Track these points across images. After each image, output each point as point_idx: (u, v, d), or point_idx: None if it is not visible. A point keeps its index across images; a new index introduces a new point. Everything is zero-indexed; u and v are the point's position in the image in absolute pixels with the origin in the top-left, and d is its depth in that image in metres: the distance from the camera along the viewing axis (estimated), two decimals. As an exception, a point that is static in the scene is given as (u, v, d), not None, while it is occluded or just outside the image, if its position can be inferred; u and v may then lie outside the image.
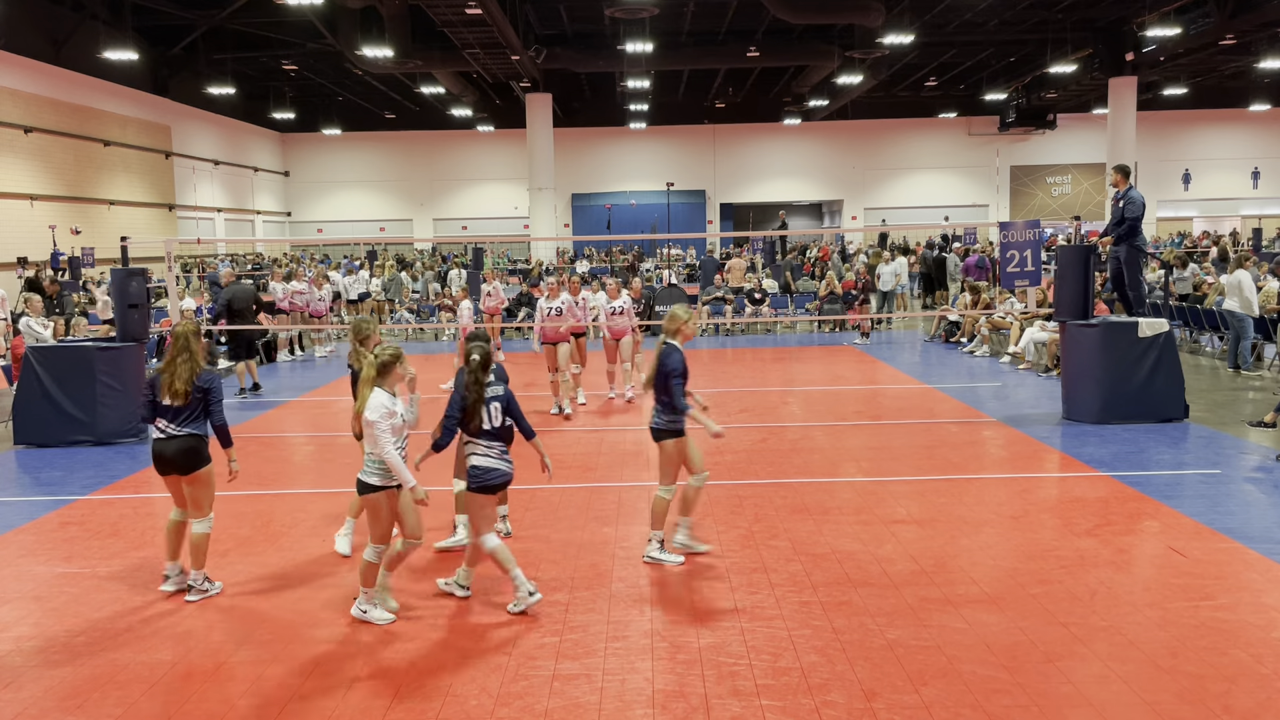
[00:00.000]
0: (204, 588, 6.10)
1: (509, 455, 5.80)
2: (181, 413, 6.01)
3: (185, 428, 6.01)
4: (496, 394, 5.82)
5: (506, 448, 5.81)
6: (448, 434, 5.75)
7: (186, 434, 6.01)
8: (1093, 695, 4.60)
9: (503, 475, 5.78)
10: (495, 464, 5.73)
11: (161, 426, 6.04)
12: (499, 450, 5.77)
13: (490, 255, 37.44)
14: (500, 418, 5.80)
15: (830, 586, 6.03)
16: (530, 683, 4.87)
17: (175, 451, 5.99)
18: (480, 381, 5.72)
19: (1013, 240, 11.46)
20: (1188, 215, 48.21)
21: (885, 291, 21.33)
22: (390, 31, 26.84)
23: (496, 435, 5.78)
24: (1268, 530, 6.87)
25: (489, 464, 5.72)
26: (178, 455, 5.99)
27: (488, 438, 5.75)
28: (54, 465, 9.74)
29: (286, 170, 49.82)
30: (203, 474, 6.08)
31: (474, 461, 5.73)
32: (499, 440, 5.79)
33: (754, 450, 9.77)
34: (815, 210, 52.68)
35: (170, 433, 6.00)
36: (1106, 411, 10.52)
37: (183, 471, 6.03)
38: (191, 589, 6.07)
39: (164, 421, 6.03)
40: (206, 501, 6.12)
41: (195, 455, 6.04)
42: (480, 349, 5.75)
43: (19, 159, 27.34)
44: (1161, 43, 32.04)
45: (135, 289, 10.99)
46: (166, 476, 6.12)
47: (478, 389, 5.69)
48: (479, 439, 5.75)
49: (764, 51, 33.55)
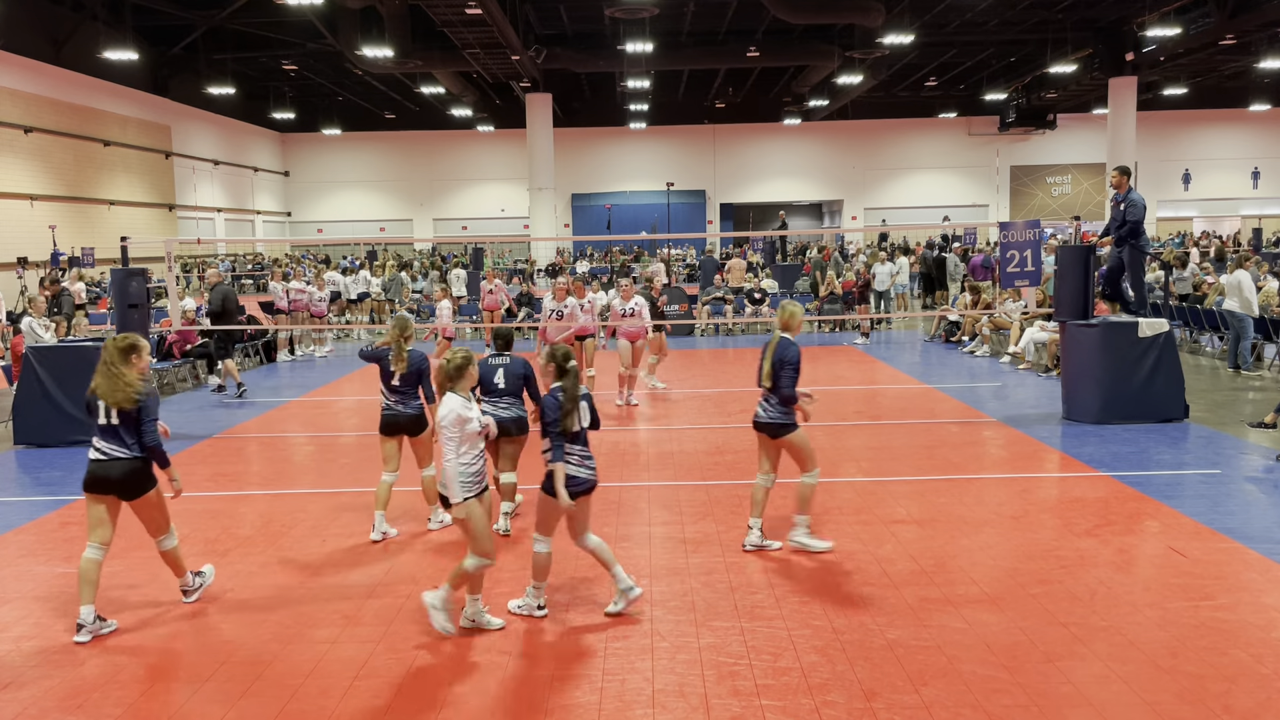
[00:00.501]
0: (196, 585, 6.01)
1: (589, 460, 5.59)
2: (121, 433, 5.49)
3: (132, 450, 5.51)
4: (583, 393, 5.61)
5: (589, 451, 5.62)
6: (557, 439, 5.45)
7: (132, 456, 5.52)
8: (1093, 695, 4.60)
9: (585, 482, 5.54)
10: (576, 470, 5.48)
11: (102, 447, 5.52)
12: (580, 454, 5.54)
13: (490, 255, 37.44)
14: (588, 419, 5.65)
15: (830, 586, 6.03)
16: (530, 683, 4.87)
17: (120, 475, 5.50)
18: (576, 384, 5.51)
19: (1013, 240, 11.46)
20: (1188, 215, 48.24)
21: (880, 291, 21.33)
22: (390, 31, 26.85)
23: (583, 438, 5.59)
24: (1268, 530, 6.87)
25: (571, 471, 5.46)
26: (124, 479, 5.51)
27: (573, 441, 5.53)
28: (54, 465, 9.74)
29: (286, 170, 49.84)
30: (150, 496, 5.62)
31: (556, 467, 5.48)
32: (583, 443, 5.59)
33: (754, 450, 9.72)
34: (815, 210, 52.70)
35: (114, 455, 5.50)
36: (1106, 411, 10.52)
37: (128, 496, 5.56)
38: (186, 592, 5.98)
39: (104, 441, 5.52)
40: (163, 519, 5.72)
41: (141, 478, 5.57)
42: (563, 351, 5.57)
43: (19, 159, 27.35)
44: (1161, 43, 32.06)
45: (135, 289, 11.00)
46: (102, 498, 5.54)
47: (574, 391, 5.49)
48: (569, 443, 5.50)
49: (764, 51, 33.56)
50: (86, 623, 5.46)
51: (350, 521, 7.62)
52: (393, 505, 8.09)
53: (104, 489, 5.53)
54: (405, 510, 7.83)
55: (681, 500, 7.99)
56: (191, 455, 10.07)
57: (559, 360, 5.57)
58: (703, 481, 8.62)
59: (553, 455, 5.43)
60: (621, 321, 12.13)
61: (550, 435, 5.45)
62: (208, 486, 8.84)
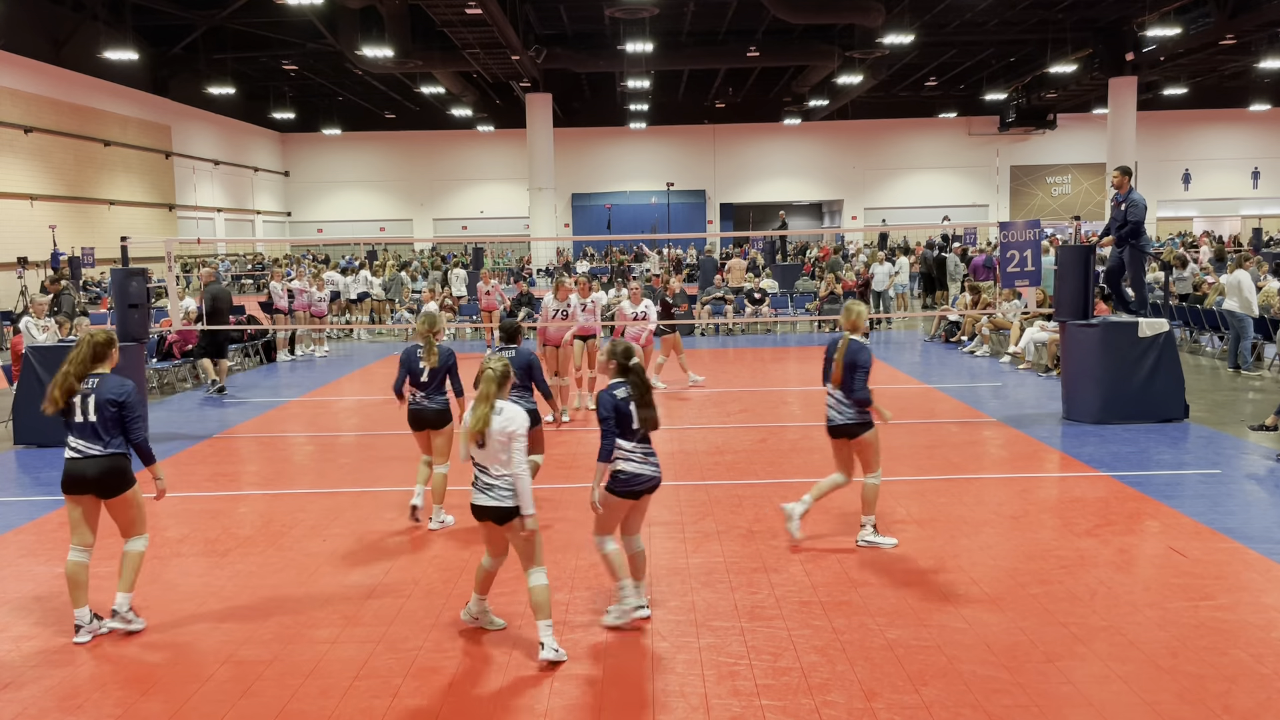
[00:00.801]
0: (128, 617, 5.50)
1: (652, 458, 5.43)
2: (99, 430, 5.35)
3: (108, 447, 5.37)
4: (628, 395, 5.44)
5: (649, 450, 5.44)
6: (608, 438, 5.31)
7: (109, 454, 5.37)
8: (1093, 695, 4.60)
9: (649, 480, 5.40)
10: (640, 468, 5.35)
11: (78, 445, 5.38)
12: (643, 452, 5.38)
13: (490, 256, 37.44)
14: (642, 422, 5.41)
15: (830, 586, 6.03)
16: (530, 683, 4.87)
17: (97, 473, 5.35)
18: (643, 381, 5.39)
19: (1013, 240, 11.46)
20: (1188, 215, 48.26)
21: (879, 291, 21.34)
22: (390, 31, 26.85)
23: (644, 436, 5.42)
24: (1268, 530, 6.87)
25: (635, 469, 5.34)
26: (101, 477, 5.35)
27: (635, 439, 5.37)
28: (54, 465, 9.73)
29: (286, 170, 49.85)
30: (129, 495, 5.45)
31: (620, 466, 5.33)
32: (645, 441, 5.42)
33: (754, 450, 9.77)
34: (815, 210, 52.71)
35: (89, 452, 5.35)
36: (1106, 411, 10.52)
37: (106, 495, 5.41)
38: (115, 614, 5.49)
39: (79, 440, 5.37)
40: (139, 520, 5.54)
41: (120, 476, 5.41)
42: (624, 347, 5.46)
43: (19, 159, 27.35)
44: (1161, 43, 32.06)
45: (135, 289, 11.00)
46: (80, 498, 5.40)
47: (641, 390, 5.36)
48: (627, 440, 5.35)
49: (764, 51, 33.57)
50: (84, 623, 5.44)
51: (350, 521, 7.62)
52: (392, 503, 8.10)
53: (81, 488, 5.40)
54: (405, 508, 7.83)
55: (681, 500, 7.99)
56: (191, 455, 10.07)
57: (620, 357, 5.43)
58: (703, 481, 8.62)
59: (600, 453, 5.30)
60: (630, 324, 12.00)
61: (603, 432, 5.29)
62: (207, 486, 8.84)
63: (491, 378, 5.13)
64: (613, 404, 5.33)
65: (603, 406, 5.34)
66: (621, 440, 5.34)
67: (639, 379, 5.41)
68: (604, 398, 5.36)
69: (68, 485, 5.41)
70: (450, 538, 7.13)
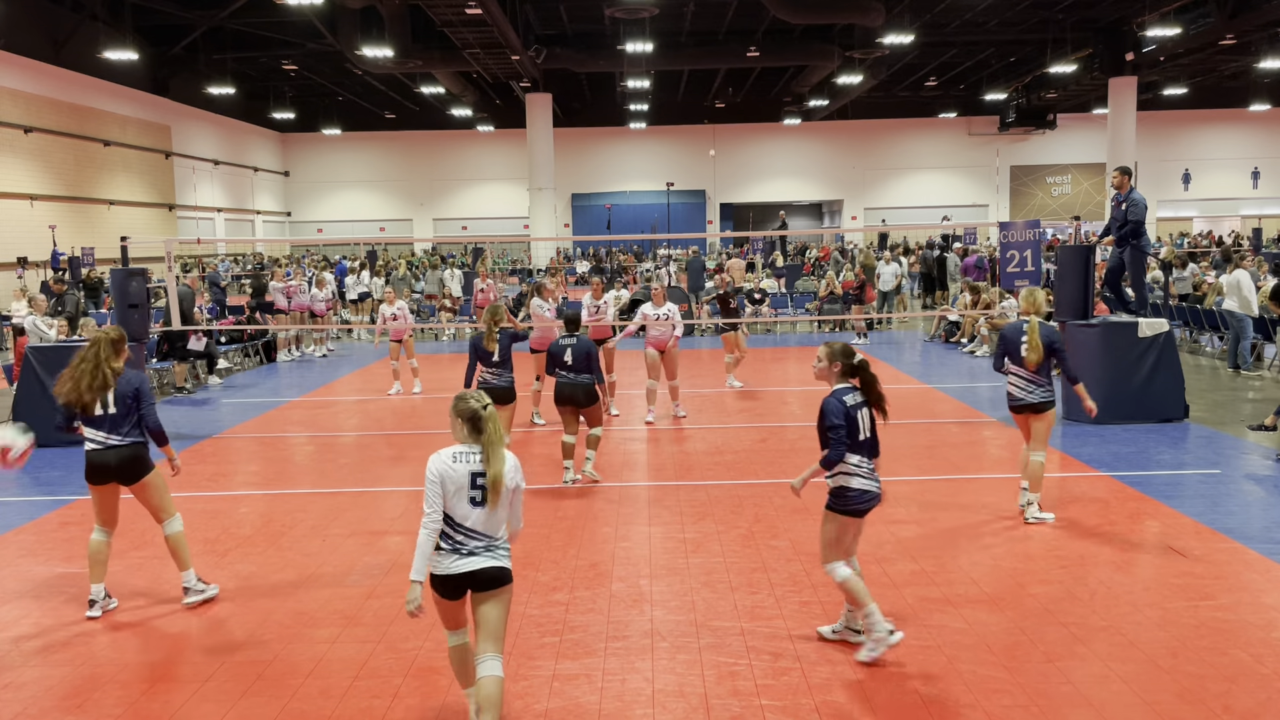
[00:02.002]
0: (200, 588, 5.96)
1: (876, 473, 5.12)
2: (119, 421, 5.70)
3: (127, 436, 5.72)
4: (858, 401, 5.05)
5: (874, 465, 5.11)
6: (838, 448, 4.96)
7: (129, 443, 5.73)
8: (1093, 695, 4.60)
9: (875, 498, 5.05)
10: (867, 484, 5.04)
11: (98, 437, 5.71)
12: (869, 468, 5.06)
13: (490, 256, 37.44)
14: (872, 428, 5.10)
15: (830, 586, 6.02)
16: (530, 683, 4.87)
17: (118, 461, 5.71)
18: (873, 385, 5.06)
19: (1013, 240, 11.46)
20: (1188, 215, 48.24)
21: (885, 291, 21.34)
22: (390, 31, 26.85)
23: (871, 449, 5.08)
24: (1268, 530, 6.87)
25: (864, 484, 5.02)
26: (122, 465, 5.71)
27: (862, 452, 5.04)
28: (54, 465, 9.74)
29: (286, 170, 49.84)
30: (150, 479, 5.81)
31: (842, 482, 5.03)
32: (869, 457, 5.08)
33: (754, 450, 9.77)
34: (815, 210, 52.70)
35: (110, 443, 5.70)
36: (1106, 411, 10.50)
37: (127, 481, 5.76)
38: (188, 591, 5.92)
39: (100, 431, 5.71)
40: (166, 503, 5.89)
41: (139, 463, 5.77)
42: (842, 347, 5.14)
43: (19, 159, 27.34)
44: (1161, 43, 32.06)
45: (135, 289, 11.00)
46: (103, 487, 5.78)
47: (871, 391, 5.05)
48: (854, 453, 5.01)
49: (764, 51, 33.56)
50: (98, 599, 5.82)
51: (350, 521, 7.62)
52: (392, 503, 8.11)
53: (104, 476, 5.75)
54: (409, 507, 7.83)
55: (681, 500, 7.99)
56: (191, 455, 10.06)
57: (842, 357, 5.09)
58: (703, 481, 8.62)
59: (825, 461, 4.99)
60: (654, 326, 11.22)
61: (832, 442, 4.95)
62: (208, 486, 8.84)
63: (494, 417, 4.19)
64: (843, 410, 4.96)
65: (831, 414, 4.96)
66: (849, 452, 4.98)
67: (868, 380, 5.03)
68: (832, 404, 4.99)
69: (92, 475, 5.76)
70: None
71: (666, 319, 11.20)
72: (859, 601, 4.95)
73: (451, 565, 4.09)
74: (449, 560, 4.10)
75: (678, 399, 11.56)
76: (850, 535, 5.09)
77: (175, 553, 5.94)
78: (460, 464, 4.11)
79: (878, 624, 4.91)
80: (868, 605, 4.93)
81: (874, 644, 4.93)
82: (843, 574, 5.00)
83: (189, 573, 5.95)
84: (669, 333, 11.23)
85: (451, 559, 4.09)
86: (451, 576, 4.10)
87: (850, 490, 5.01)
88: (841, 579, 5.00)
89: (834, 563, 5.04)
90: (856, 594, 4.95)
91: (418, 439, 10.86)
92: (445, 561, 4.10)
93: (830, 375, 5.13)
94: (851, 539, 5.12)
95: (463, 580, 4.11)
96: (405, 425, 11.72)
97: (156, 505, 5.87)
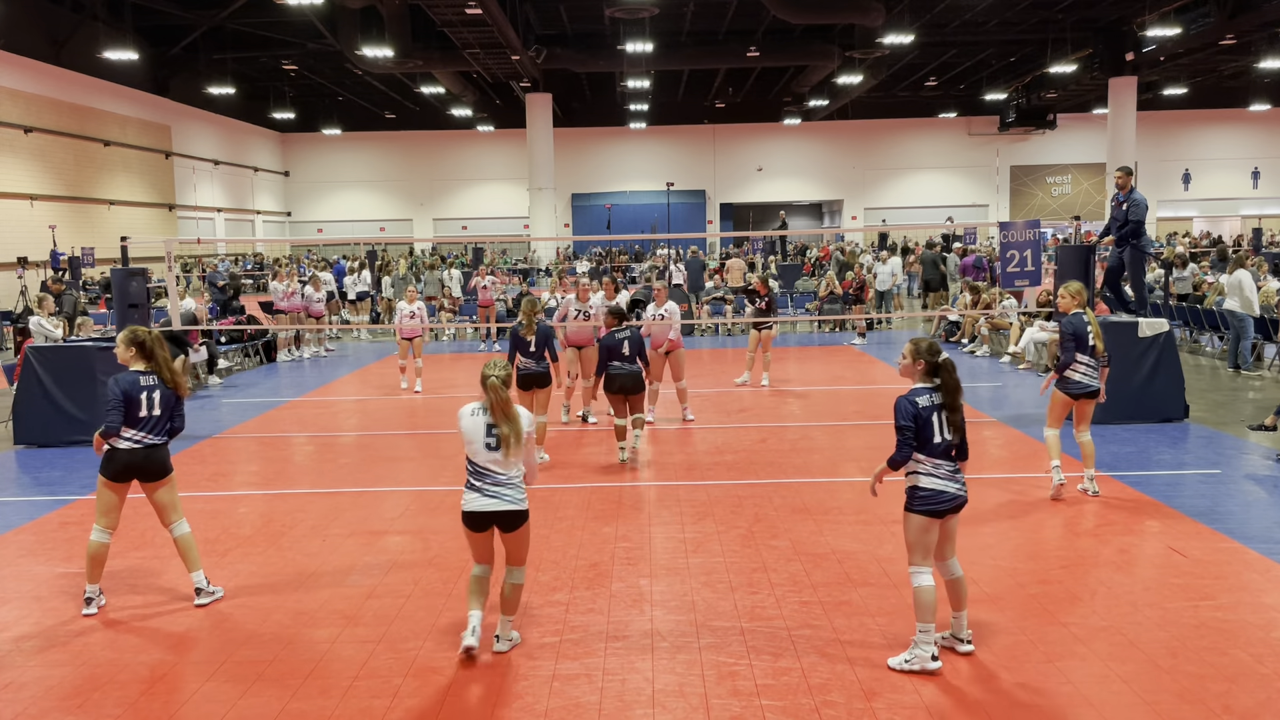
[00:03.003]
0: (211, 590, 5.99)
1: (955, 474, 4.92)
2: (160, 422, 5.86)
3: (160, 436, 5.88)
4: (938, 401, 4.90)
5: (954, 466, 4.93)
6: (903, 449, 4.88)
7: (162, 442, 5.89)
8: (1093, 695, 4.60)
9: (951, 500, 4.88)
10: (944, 484, 4.86)
11: (137, 437, 5.79)
12: (948, 469, 4.89)
13: (490, 256, 37.44)
14: (951, 432, 4.90)
15: (830, 586, 6.03)
16: (530, 683, 4.87)
17: (149, 461, 5.82)
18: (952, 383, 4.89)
19: (1013, 240, 11.46)
20: (1188, 215, 48.25)
21: (882, 291, 21.34)
22: (390, 31, 26.86)
23: (944, 452, 4.90)
24: (1268, 530, 6.87)
25: (937, 485, 4.86)
26: (150, 465, 5.83)
27: (937, 454, 4.88)
28: (54, 465, 9.74)
29: (286, 170, 49.84)
30: (170, 478, 5.95)
31: (914, 481, 4.92)
32: (949, 458, 4.91)
33: (754, 450, 9.77)
34: (815, 210, 52.71)
35: (147, 442, 5.81)
36: (1106, 411, 10.46)
37: (154, 479, 5.88)
38: (199, 592, 5.95)
39: (141, 432, 5.80)
40: (177, 504, 6.00)
41: (166, 462, 5.93)
42: (929, 344, 4.99)
43: (19, 159, 27.34)
44: (1161, 43, 32.07)
45: (135, 289, 11.00)
46: (123, 485, 5.85)
47: (952, 396, 4.87)
48: (928, 455, 4.87)
49: (764, 51, 33.57)
50: (94, 596, 5.91)
51: (350, 521, 7.62)
52: (392, 503, 8.11)
53: (129, 475, 5.83)
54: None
55: (681, 500, 7.99)
56: (191, 455, 10.07)
57: (926, 355, 4.94)
58: (703, 481, 8.62)
59: (890, 460, 4.91)
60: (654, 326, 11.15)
61: (898, 442, 4.87)
62: (208, 486, 8.84)
63: (497, 385, 5.01)
64: (913, 412, 4.83)
65: (899, 414, 4.86)
66: (921, 453, 4.86)
67: (949, 382, 4.88)
68: (902, 404, 4.87)
69: (120, 473, 5.82)
70: (452, 538, 7.12)
71: (665, 318, 11.20)
72: (919, 614, 4.86)
73: (475, 504, 5.06)
74: (474, 499, 5.07)
75: (685, 401, 11.39)
76: (931, 537, 4.90)
77: (185, 554, 5.97)
78: (478, 417, 5.07)
79: (927, 643, 4.86)
80: (927, 621, 4.85)
81: (912, 658, 4.88)
82: (917, 581, 4.88)
83: (199, 573, 5.99)
84: (667, 332, 11.21)
85: (475, 498, 5.07)
86: (476, 514, 5.06)
87: (921, 490, 4.88)
88: (915, 586, 4.88)
89: (915, 566, 4.91)
90: (919, 605, 4.86)
91: (418, 439, 10.87)
92: (472, 500, 5.08)
93: (913, 373, 4.98)
94: (935, 541, 4.93)
95: (487, 518, 5.06)
96: (406, 425, 11.72)
97: (170, 505, 5.94)
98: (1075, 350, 7.66)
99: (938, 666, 4.84)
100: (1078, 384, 7.66)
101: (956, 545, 5.07)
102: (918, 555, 4.90)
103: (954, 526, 5.01)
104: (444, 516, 7.62)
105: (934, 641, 4.88)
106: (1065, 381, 7.73)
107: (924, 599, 4.84)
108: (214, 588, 6.06)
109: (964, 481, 4.95)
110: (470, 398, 6.20)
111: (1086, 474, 7.86)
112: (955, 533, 5.03)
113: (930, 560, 4.92)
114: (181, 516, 6.00)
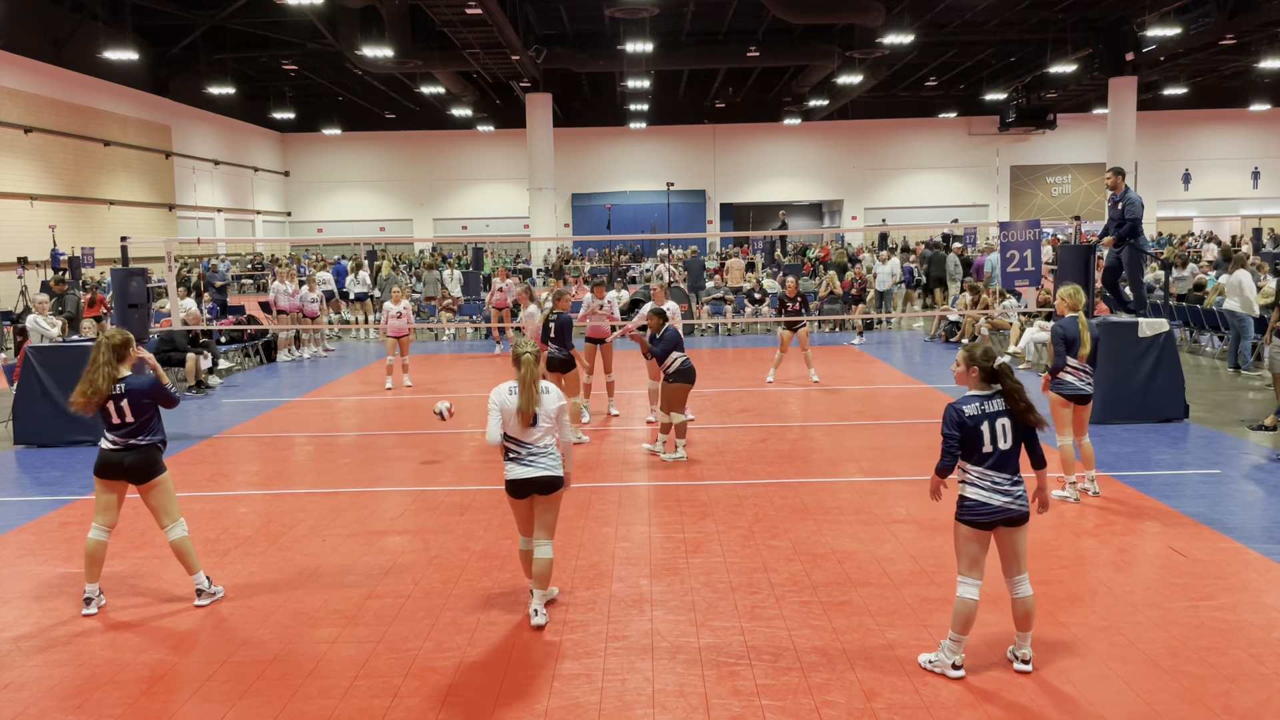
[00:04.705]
0: (212, 591, 5.99)
1: (1007, 486, 4.70)
2: (137, 429, 5.80)
3: (144, 439, 5.82)
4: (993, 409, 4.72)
5: (1008, 478, 4.71)
6: (946, 457, 4.75)
7: (145, 444, 5.81)
8: (1093, 695, 4.60)
9: (995, 512, 4.68)
10: (987, 496, 4.69)
11: (116, 440, 5.80)
12: (992, 481, 4.70)
13: (490, 256, 37.42)
14: (1008, 440, 4.70)
15: (830, 586, 6.03)
16: (530, 683, 4.87)
17: (133, 462, 5.80)
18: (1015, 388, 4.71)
19: (1013, 240, 11.46)
20: (1188, 215, 48.25)
21: (881, 291, 21.34)
22: (390, 31, 26.85)
23: (995, 463, 4.71)
24: (1268, 530, 6.87)
25: (981, 496, 4.70)
26: (135, 466, 5.80)
27: (985, 464, 4.72)
28: (54, 465, 9.74)
29: (286, 170, 49.84)
30: (161, 480, 5.86)
31: (961, 490, 4.80)
32: (997, 470, 4.71)
33: (754, 450, 9.77)
34: (815, 210, 52.71)
35: (129, 444, 5.79)
36: (1106, 411, 10.51)
37: (139, 480, 5.81)
38: (200, 593, 5.94)
39: (119, 436, 5.80)
40: (173, 506, 5.91)
41: (153, 465, 5.84)
42: (984, 349, 4.81)
43: (19, 159, 27.34)
44: (1161, 43, 32.06)
45: (135, 289, 11.00)
46: (113, 483, 5.85)
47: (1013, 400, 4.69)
48: (975, 465, 4.73)
49: (764, 51, 33.56)
50: (94, 596, 5.90)
51: (350, 521, 7.62)
52: (392, 503, 8.12)
53: (115, 474, 5.83)
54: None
55: (681, 500, 7.99)
56: (191, 455, 10.07)
57: (981, 360, 4.78)
58: (703, 481, 8.61)
59: (937, 468, 4.81)
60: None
61: (943, 450, 4.76)
62: (208, 486, 8.84)
63: (530, 361, 5.47)
64: (957, 420, 4.69)
65: (945, 422, 4.73)
66: (967, 463, 4.73)
67: (1010, 388, 4.70)
68: (949, 412, 4.75)
69: (103, 471, 5.85)
70: (452, 538, 7.12)
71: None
72: (952, 621, 4.79)
73: (515, 472, 5.50)
74: (514, 469, 5.50)
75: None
76: (976, 548, 4.74)
77: (182, 558, 5.93)
78: (512, 396, 5.48)
79: (952, 652, 4.82)
80: (958, 632, 4.77)
81: (936, 660, 4.87)
82: (959, 591, 4.77)
83: (199, 575, 5.96)
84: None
85: (514, 467, 5.50)
86: (515, 481, 5.49)
87: (966, 500, 4.75)
88: (958, 595, 4.77)
89: (963, 575, 4.78)
90: (954, 613, 4.78)
91: (419, 439, 10.86)
92: (512, 469, 5.51)
93: (969, 379, 4.82)
94: (981, 553, 4.76)
95: (526, 484, 5.49)
96: (406, 425, 11.71)
97: (163, 507, 5.88)
98: (1065, 354, 7.71)
99: (958, 676, 4.79)
100: (1070, 386, 7.70)
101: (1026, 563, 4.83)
102: (964, 564, 4.78)
103: (1016, 541, 4.76)
104: (444, 516, 7.62)
105: (959, 652, 4.81)
106: (1059, 384, 7.76)
107: (959, 609, 4.75)
108: (215, 588, 6.06)
109: (1023, 494, 4.73)
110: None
111: (1087, 475, 7.92)
112: (1021, 549, 4.78)
113: (978, 572, 4.76)
114: (177, 520, 5.91)
